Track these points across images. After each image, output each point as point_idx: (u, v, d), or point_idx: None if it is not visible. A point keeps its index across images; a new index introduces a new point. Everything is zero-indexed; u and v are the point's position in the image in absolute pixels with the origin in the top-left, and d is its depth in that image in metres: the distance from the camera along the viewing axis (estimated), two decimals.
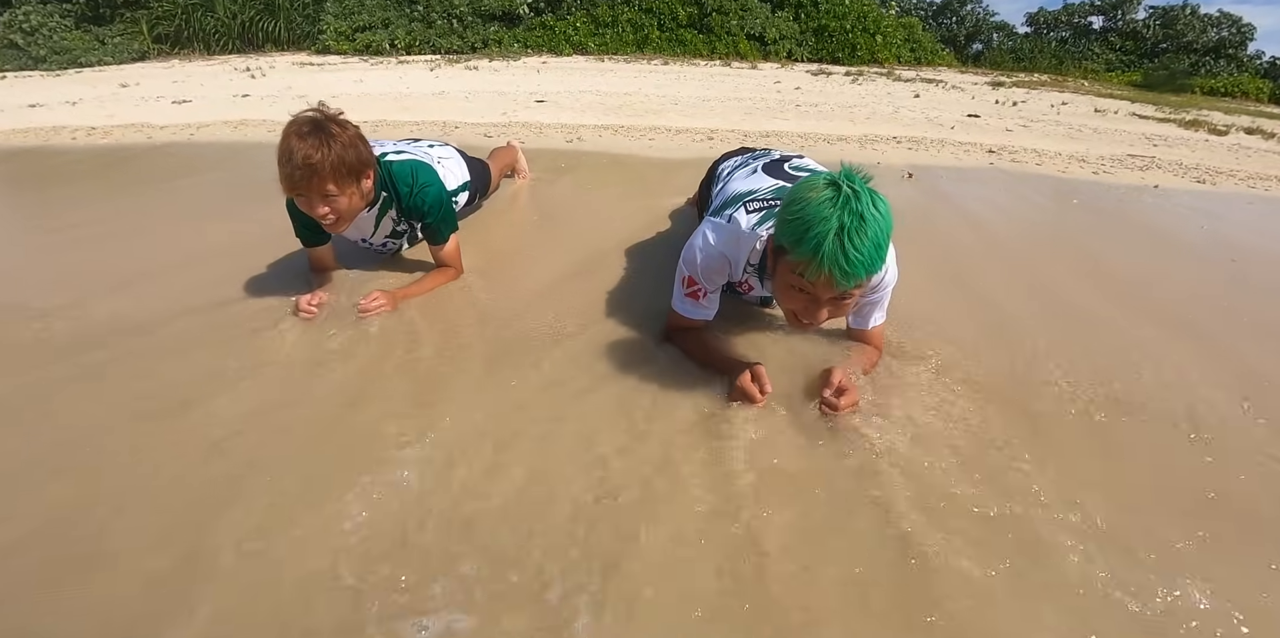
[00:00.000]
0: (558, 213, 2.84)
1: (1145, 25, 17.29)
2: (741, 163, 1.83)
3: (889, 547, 1.02)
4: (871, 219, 1.08)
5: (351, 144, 1.60)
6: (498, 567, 0.97)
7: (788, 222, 1.13)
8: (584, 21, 11.61)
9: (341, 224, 1.71)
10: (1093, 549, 1.03)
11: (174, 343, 1.62)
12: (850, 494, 1.13)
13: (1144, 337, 1.85)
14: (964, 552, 1.01)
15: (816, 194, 1.10)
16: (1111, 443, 1.34)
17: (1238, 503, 1.18)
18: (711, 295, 1.49)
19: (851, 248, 1.07)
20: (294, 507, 1.07)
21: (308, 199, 1.61)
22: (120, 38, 11.58)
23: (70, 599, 0.91)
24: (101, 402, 1.37)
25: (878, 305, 1.47)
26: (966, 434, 1.30)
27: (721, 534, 1.04)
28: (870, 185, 1.13)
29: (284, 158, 1.54)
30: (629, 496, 1.11)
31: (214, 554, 0.98)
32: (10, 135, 5.12)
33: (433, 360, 1.54)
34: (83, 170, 3.76)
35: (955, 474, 1.17)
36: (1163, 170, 4.71)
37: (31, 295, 1.90)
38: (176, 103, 6.60)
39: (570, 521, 1.06)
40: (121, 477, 1.15)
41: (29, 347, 1.61)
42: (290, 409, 1.35)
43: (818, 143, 4.75)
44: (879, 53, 12.26)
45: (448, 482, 1.14)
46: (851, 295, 1.18)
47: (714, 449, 1.23)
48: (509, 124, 5.15)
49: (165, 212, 2.88)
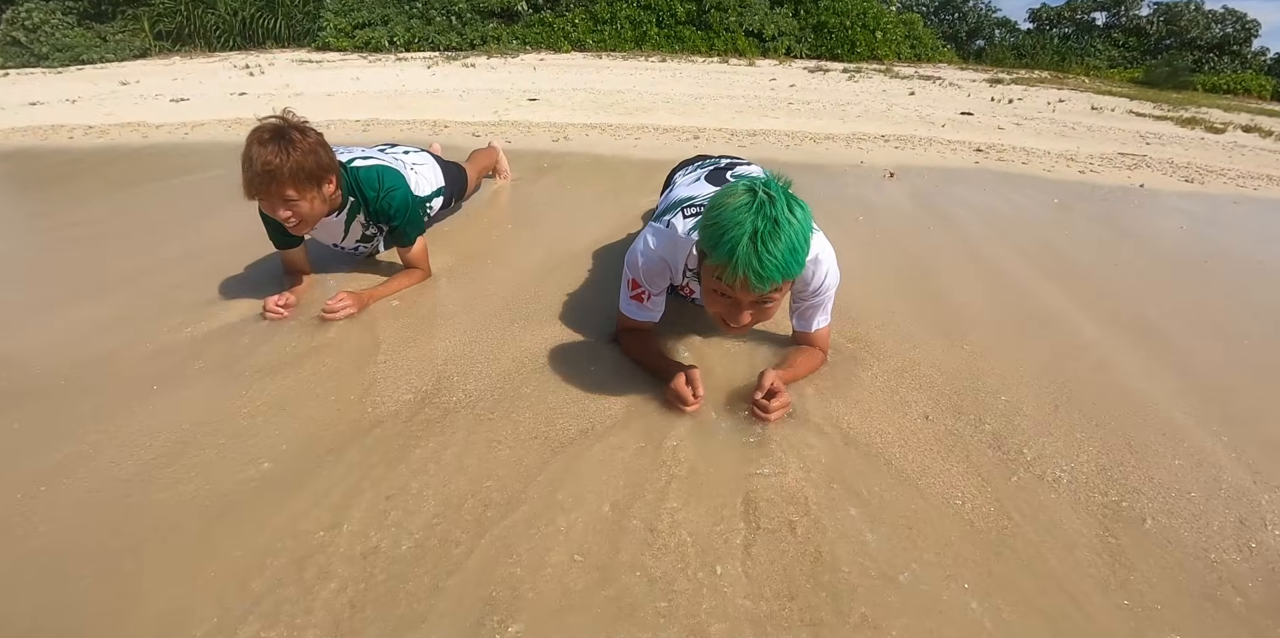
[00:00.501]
0: (532, 214, 2.88)
1: (1149, 21, 17.18)
2: (690, 171, 1.87)
3: (800, 564, 1.03)
4: (786, 224, 1.10)
5: (311, 150, 1.64)
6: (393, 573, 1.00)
7: (706, 227, 1.17)
8: (582, 18, 11.62)
9: (304, 227, 1.75)
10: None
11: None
12: (756, 506, 1.14)
13: (1093, 337, 1.88)
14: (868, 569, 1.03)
15: (734, 199, 1.13)
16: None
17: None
18: (656, 298, 1.53)
19: (765, 252, 1.09)
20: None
21: (269, 203, 1.66)
22: (122, 35, 11.65)
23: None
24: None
25: (820, 308, 1.50)
26: (901, 445, 1.32)
27: (625, 530, 1.08)
28: (790, 191, 1.16)
29: (245, 163, 1.59)
30: (536, 496, 1.15)
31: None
32: (10, 134, 5.19)
33: (381, 367, 1.58)
34: (68, 172, 3.82)
35: (870, 505, 1.16)
36: (1152, 169, 4.72)
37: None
38: (174, 101, 6.67)
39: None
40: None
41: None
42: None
43: (804, 142, 4.77)
44: (879, 49, 12.24)
45: (365, 482, 1.19)
46: (772, 299, 1.21)
47: (638, 450, 1.27)
48: (499, 123, 5.19)
49: (146, 213, 2.94)
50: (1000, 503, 1.17)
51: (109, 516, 1.08)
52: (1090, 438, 1.38)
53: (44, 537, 1.04)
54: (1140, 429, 1.43)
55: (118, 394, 1.43)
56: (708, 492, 1.16)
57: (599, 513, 1.10)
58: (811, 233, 1.17)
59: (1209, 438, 1.41)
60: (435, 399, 1.42)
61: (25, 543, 1.03)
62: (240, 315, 1.81)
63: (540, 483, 1.17)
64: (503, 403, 1.41)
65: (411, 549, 1.02)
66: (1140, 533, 1.12)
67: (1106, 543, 1.10)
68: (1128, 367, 1.72)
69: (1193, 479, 1.27)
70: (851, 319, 1.83)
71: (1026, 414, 1.45)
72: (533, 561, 1.00)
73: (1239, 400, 1.58)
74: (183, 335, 1.70)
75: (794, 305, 1.53)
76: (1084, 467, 1.29)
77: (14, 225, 2.89)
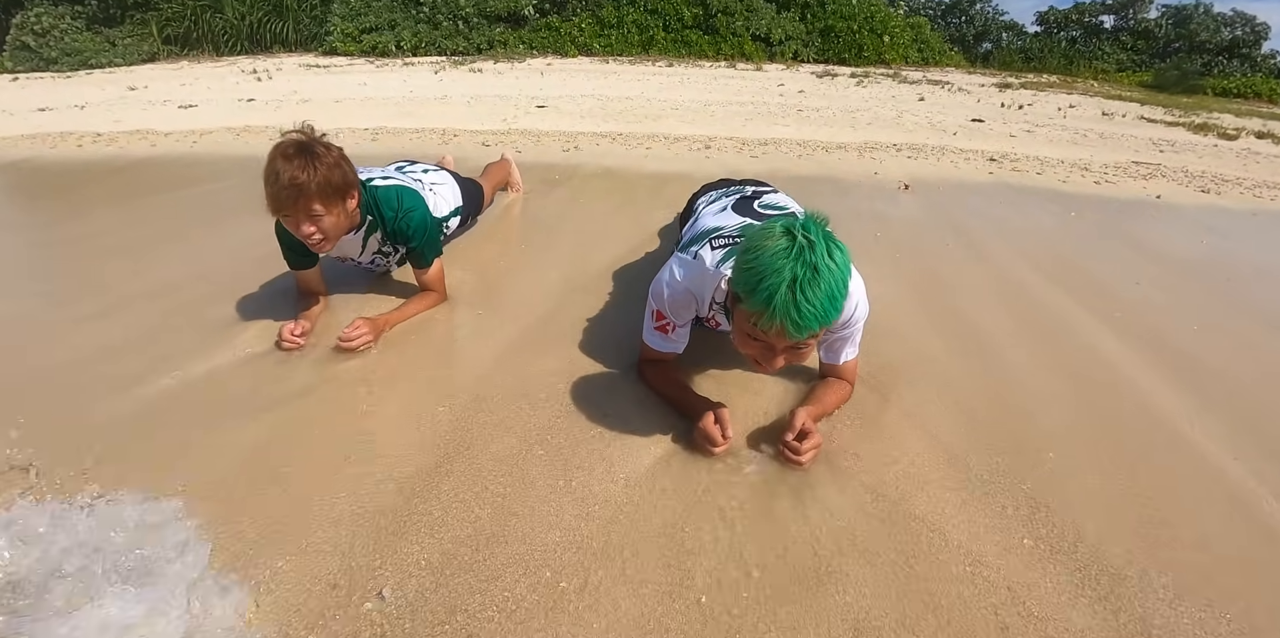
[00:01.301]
0: (546, 232, 2.84)
1: (1157, 24, 17.07)
2: (715, 198, 1.83)
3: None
4: (825, 270, 1.07)
5: (336, 164, 1.64)
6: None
7: (742, 270, 1.13)
8: (589, 23, 11.59)
9: (327, 244, 1.74)
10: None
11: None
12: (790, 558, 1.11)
13: (1130, 371, 1.84)
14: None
15: (772, 243, 1.09)
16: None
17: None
18: (680, 329, 1.50)
19: (804, 301, 1.06)
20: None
21: (294, 219, 1.64)
22: (130, 39, 11.67)
23: None
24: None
25: (848, 341, 1.47)
26: (924, 497, 1.27)
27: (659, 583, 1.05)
28: (828, 229, 1.12)
29: (270, 179, 1.58)
30: (565, 541, 1.12)
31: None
32: (19, 141, 5.19)
33: (400, 401, 1.56)
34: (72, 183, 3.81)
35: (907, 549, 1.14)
36: (1167, 179, 4.67)
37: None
38: (182, 108, 6.66)
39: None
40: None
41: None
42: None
43: (816, 151, 4.74)
44: (886, 53, 12.18)
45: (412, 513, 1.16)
46: (808, 344, 1.18)
47: (664, 490, 1.23)
48: (508, 132, 5.16)
49: (159, 225, 2.92)
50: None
51: None
52: (1146, 516, 1.26)
53: None
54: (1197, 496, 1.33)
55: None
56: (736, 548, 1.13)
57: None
58: (850, 276, 1.13)
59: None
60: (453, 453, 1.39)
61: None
62: (256, 345, 1.78)
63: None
64: (524, 455, 1.36)
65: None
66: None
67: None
68: (1171, 408, 1.65)
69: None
70: (877, 338, 1.79)
71: (1069, 475, 1.37)
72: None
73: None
74: (200, 368, 1.67)
75: (823, 338, 1.49)
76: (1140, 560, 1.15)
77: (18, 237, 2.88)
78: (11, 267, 2.45)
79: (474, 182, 2.69)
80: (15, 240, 2.81)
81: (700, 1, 11.68)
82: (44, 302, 2.07)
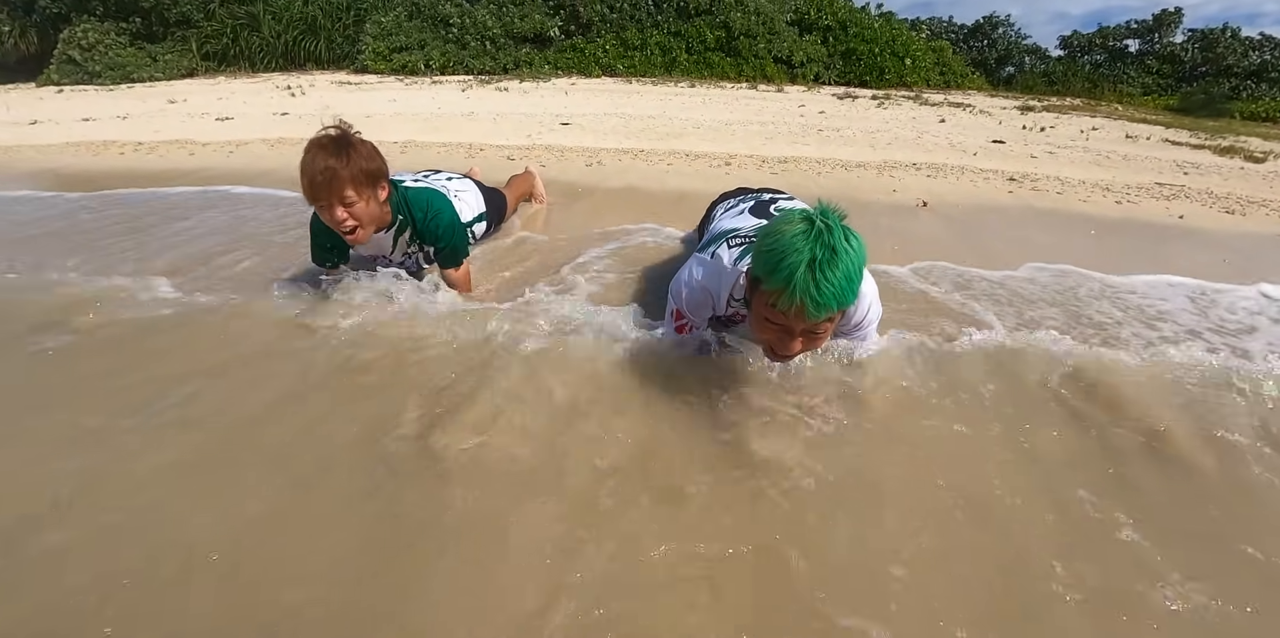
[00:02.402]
0: (569, 239, 2.91)
1: (1184, 48, 17.02)
2: (732, 204, 1.89)
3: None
4: (843, 252, 1.11)
5: (370, 155, 1.76)
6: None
7: (762, 253, 1.18)
8: (613, 44, 11.83)
9: (361, 233, 1.82)
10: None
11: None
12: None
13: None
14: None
15: (791, 227, 1.14)
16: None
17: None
18: (697, 331, 1.54)
19: (824, 279, 1.10)
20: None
21: (329, 205, 1.73)
22: (171, 55, 12.15)
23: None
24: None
25: (862, 341, 1.49)
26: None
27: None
28: (845, 222, 1.17)
29: (306, 168, 1.68)
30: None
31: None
32: (64, 148, 5.41)
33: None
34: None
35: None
36: (1190, 200, 4.64)
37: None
38: (219, 120, 6.89)
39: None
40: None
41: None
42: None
43: (835, 169, 4.78)
44: (908, 76, 12.27)
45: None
46: (824, 328, 1.22)
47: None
48: (532, 147, 5.28)
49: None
50: None
51: None
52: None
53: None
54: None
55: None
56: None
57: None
58: (865, 263, 1.17)
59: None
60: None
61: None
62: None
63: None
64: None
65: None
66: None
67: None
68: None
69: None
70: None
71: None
72: None
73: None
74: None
75: (838, 324, 1.52)
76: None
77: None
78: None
79: (498, 191, 2.78)
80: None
81: (723, 24, 11.88)
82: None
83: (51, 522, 1.17)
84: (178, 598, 1.03)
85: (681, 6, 12.07)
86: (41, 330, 1.87)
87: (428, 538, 1.15)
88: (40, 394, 1.59)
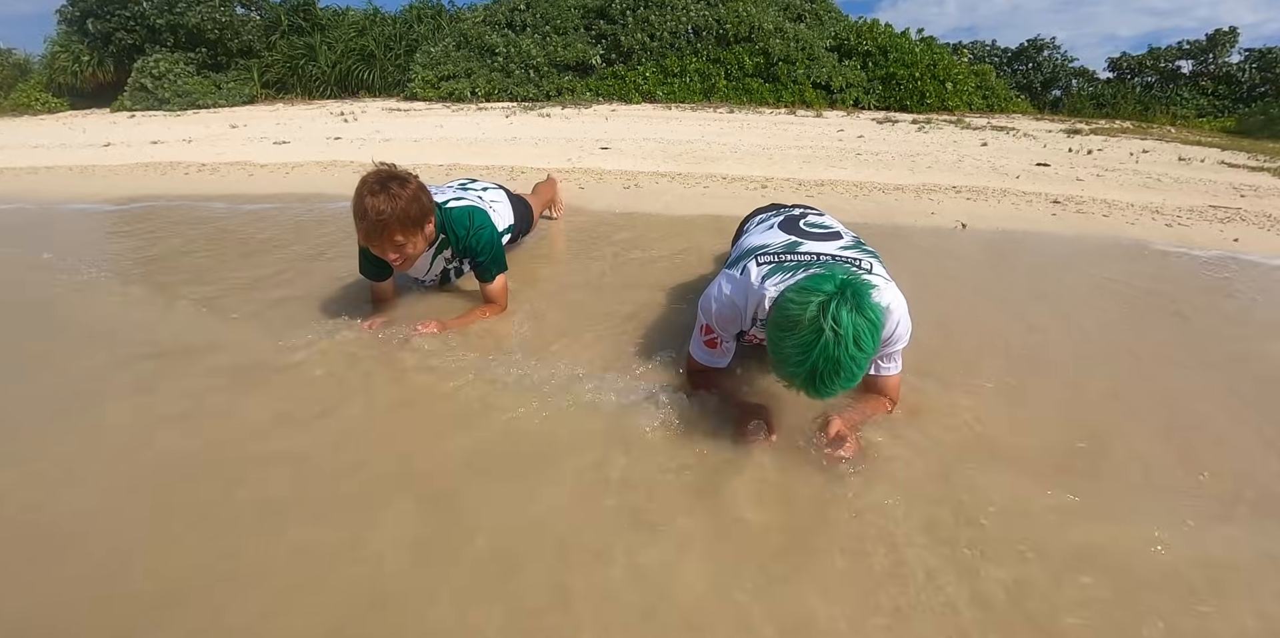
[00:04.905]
0: (606, 256, 2.97)
1: (1240, 68, 16.48)
2: (764, 219, 1.91)
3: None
4: (847, 362, 1.12)
5: (414, 198, 1.84)
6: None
7: (772, 340, 1.22)
8: (653, 71, 12.07)
9: (408, 264, 1.97)
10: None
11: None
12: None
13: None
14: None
15: (800, 329, 1.14)
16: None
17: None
18: (727, 345, 1.55)
19: (824, 387, 1.15)
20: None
21: (380, 247, 1.86)
22: (234, 83, 12.93)
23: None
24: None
25: (890, 357, 1.49)
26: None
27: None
28: (869, 293, 1.16)
29: (359, 214, 1.80)
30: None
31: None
32: (135, 168, 5.75)
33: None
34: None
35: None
36: (1247, 223, 4.47)
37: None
38: (277, 143, 7.25)
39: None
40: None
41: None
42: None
43: (872, 192, 4.77)
44: (949, 100, 12.17)
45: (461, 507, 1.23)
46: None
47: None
48: (573, 170, 5.41)
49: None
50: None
51: None
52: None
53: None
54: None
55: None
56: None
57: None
58: (880, 329, 1.18)
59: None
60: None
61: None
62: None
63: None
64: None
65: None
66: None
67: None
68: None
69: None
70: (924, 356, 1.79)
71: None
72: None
73: None
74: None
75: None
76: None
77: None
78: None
79: (525, 201, 2.90)
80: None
81: (762, 51, 12.02)
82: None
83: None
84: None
85: (721, 34, 12.27)
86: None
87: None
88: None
